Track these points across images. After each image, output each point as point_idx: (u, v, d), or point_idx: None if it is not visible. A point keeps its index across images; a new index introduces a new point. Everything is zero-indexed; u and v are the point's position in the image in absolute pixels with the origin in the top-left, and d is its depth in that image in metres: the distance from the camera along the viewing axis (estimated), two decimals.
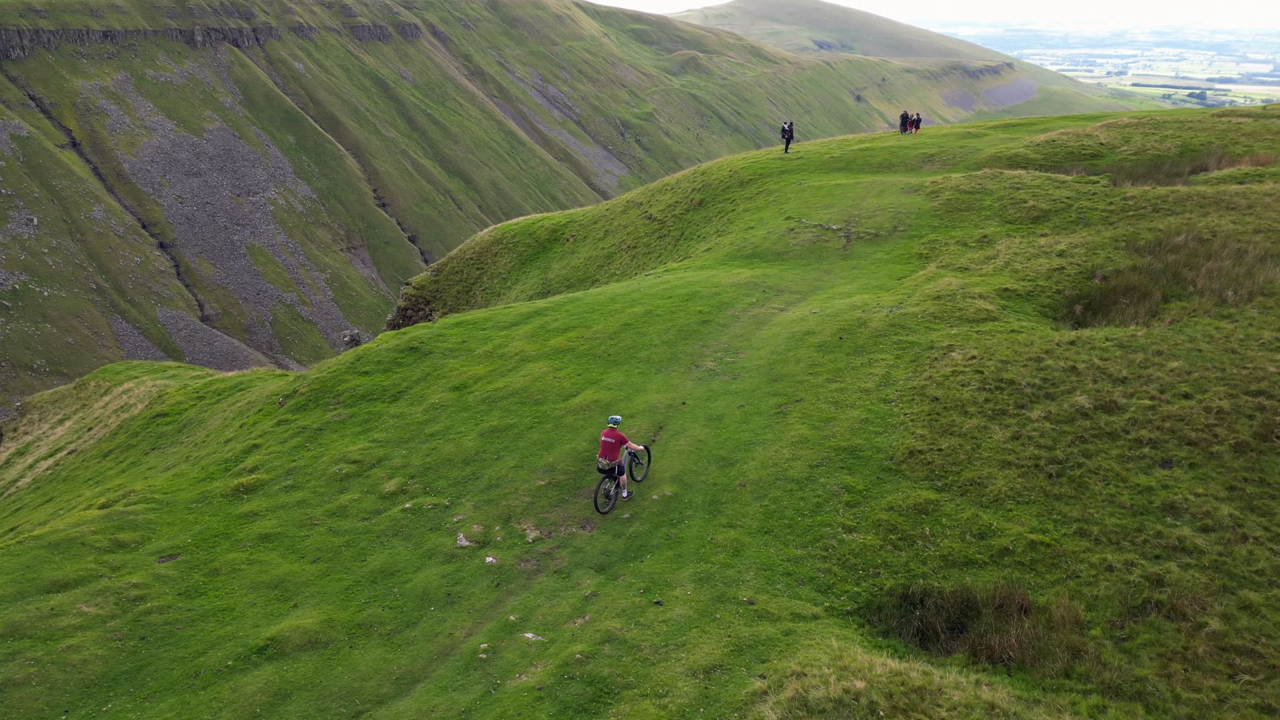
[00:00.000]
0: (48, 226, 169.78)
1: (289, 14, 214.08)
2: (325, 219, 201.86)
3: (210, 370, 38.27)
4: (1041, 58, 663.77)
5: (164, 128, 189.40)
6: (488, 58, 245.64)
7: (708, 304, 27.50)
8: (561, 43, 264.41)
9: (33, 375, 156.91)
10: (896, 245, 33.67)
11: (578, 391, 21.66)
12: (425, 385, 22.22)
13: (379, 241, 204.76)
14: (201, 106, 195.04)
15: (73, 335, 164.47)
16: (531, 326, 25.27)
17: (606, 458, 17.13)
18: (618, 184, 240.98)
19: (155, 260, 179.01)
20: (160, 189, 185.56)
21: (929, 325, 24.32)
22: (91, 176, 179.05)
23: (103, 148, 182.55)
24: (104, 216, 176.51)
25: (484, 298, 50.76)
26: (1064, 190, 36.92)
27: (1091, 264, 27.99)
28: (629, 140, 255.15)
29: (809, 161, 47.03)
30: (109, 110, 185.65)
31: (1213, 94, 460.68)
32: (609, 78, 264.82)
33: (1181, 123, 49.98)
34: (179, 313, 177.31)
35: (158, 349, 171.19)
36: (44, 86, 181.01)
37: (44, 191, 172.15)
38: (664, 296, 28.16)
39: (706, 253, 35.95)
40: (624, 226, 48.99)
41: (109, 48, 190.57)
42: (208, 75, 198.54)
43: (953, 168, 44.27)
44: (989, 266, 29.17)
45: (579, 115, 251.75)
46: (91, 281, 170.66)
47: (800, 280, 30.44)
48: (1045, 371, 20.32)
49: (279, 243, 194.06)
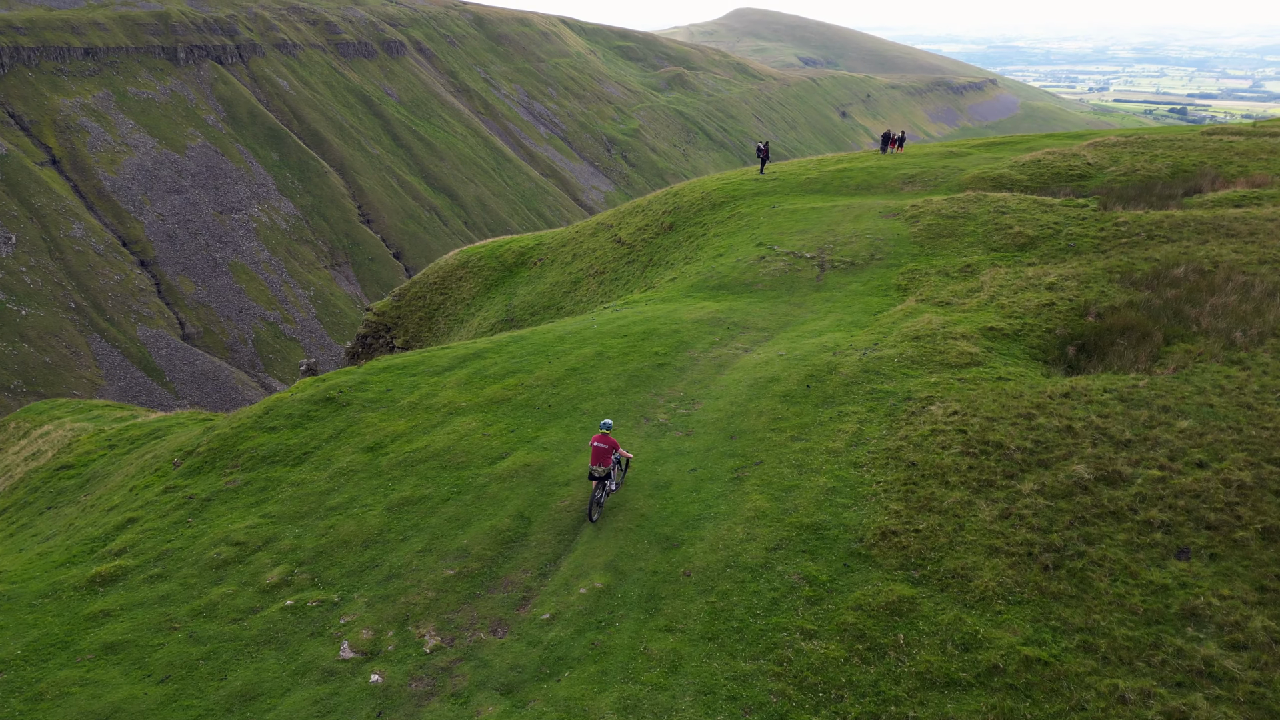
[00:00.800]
0: (26, 245, 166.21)
1: (273, 31, 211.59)
2: (309, 236, 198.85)
3: (136, 410, 35.31)
4: (1024, 74, 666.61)
5: (145, 145, 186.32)
6: (474, 74, 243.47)
7: (665, 344, 24.74)
8: (548, 59, 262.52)
9: (9, 396, 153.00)
10: (874, 275, 31.01)
11: (508, 452, 18.83)
12: (336, 445, 19.37)
13: (363, 258, 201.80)
14: (184, 124, 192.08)
15: (50, 355, 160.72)
16: (467, 372, 22.47)
17: (600, 464, 16.39)
18: (604, 200, 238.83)
19: (136, 278, 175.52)
20: (141, 206, 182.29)
21: (906, 371, 21.62)
22: (71, 194, 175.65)
23: (83, 165, 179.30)
24: (84, 234, 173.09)
25: (447, 324, 47.94)
26: (1052, 214, 34.39)
27: (1084, 299, 25.35)
28: (615, 156, 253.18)
29: (784, 183, 44.44)
30: (90, 128, 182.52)
31: (1193, 109, 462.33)
32: (595, 94, 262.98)
33: (1171, 141, 47.65)
34: (159, 331, 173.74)
35: (137, 368, 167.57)
36: (24, 104, 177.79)
37: (22, 209, 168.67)
38: (618, 335, 25.39)
39: (671, 283, 33.23)
40: (593, 250, 46.30)
41: (90, 65, 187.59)
42: (190, 92, 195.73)
43: (934, 189, 41.75)
44: (972, 301, 26.52)
45: (565, 132, 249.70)
46: (70, 300, 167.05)
47: (768, 315, 27.71)
48: (1037, 432, 17.60)
49: (262, 260, 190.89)
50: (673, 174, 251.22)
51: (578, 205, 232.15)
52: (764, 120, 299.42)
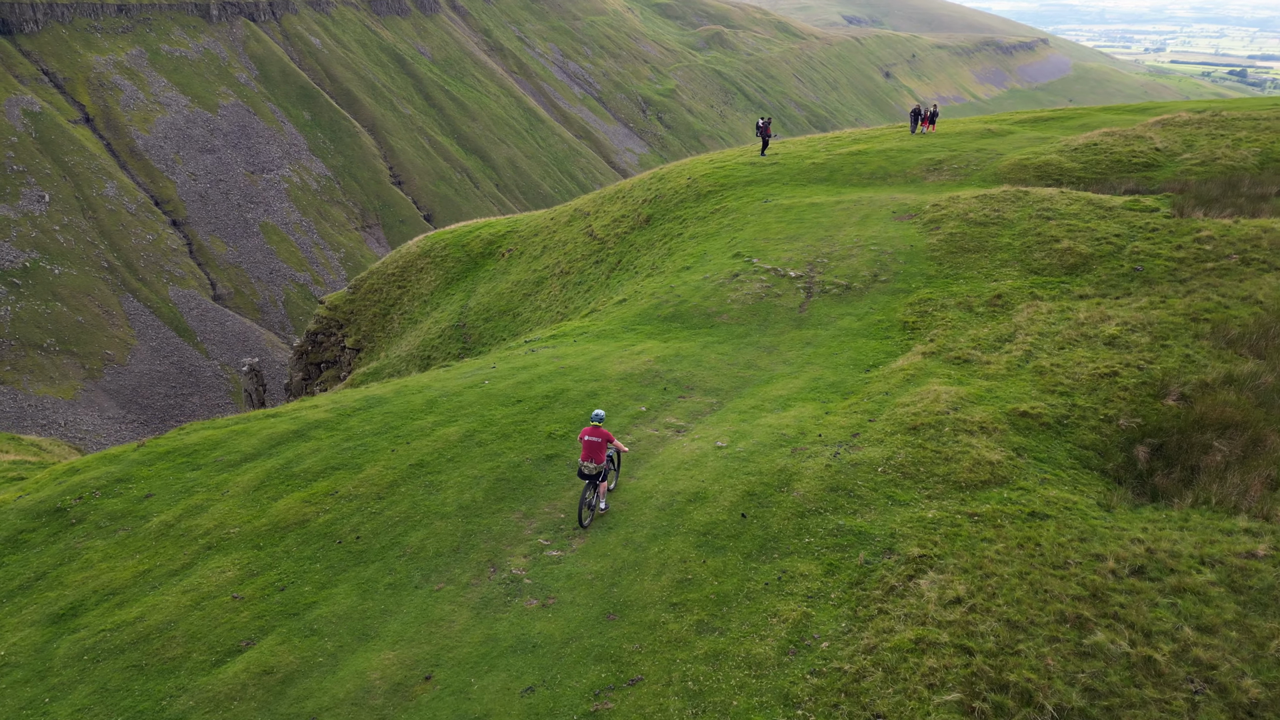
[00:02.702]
0: (59, 204, 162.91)
1: None
2: (340, 197, 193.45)
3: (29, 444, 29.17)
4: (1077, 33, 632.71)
5: (178, 104, 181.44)
6: (508, 33, 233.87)
7: (569, 417, 17.52)
8: (584, 17, 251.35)
9: (42, 354, 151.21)
10: (874, 305, 23.30)
11: (253, 640, 11.84)
12: (18, 605, 12.74)
13: (394, 220, 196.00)
14: (216, 82, 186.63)
15: (83, 314, 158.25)
16: (272, 464, 15.62)
17: (592, 460, 14.04)
18: (638, 162, 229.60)
19: (168, 238, 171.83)
20: (174, 166, 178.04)
21: (893, 493, 14.20)
22: (104, 153, 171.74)
23: (116, 124, 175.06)
24: (116, 194, 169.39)
25: (401, 323, 41.11)
26: (1111, 222, 26.19)
27: (1160, 367, 17.50)
28: (650, 118, 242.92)
29: (785, 169, 36.45)
30: (123, 86, 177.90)
31: (1254, 71, 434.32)
32: (631, 53, 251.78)
33: (1256, 121, 38.58)
34: (191, 291, 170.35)
35: (169, 328, 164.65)
36: (57, 61, 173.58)
37: (56, 168, 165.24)
38: (510, 400, 18.20)
39: (619, 306, 25.80)
40: (564, 243, 38.94)
41: (123, 21, 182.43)
42: (223, 50, 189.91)
43: (964, 181, 33.49)
44: (1001, 359, 18.78)
45: (600, 92, 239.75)
46: (103, 260, 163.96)
47: (724, 368, 20.26)
48: (1092, 663, 10.19)
49: (293, 221, 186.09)
50: (709, 136, 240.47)
51: (611, 168, 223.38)
52: (804, 80, 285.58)
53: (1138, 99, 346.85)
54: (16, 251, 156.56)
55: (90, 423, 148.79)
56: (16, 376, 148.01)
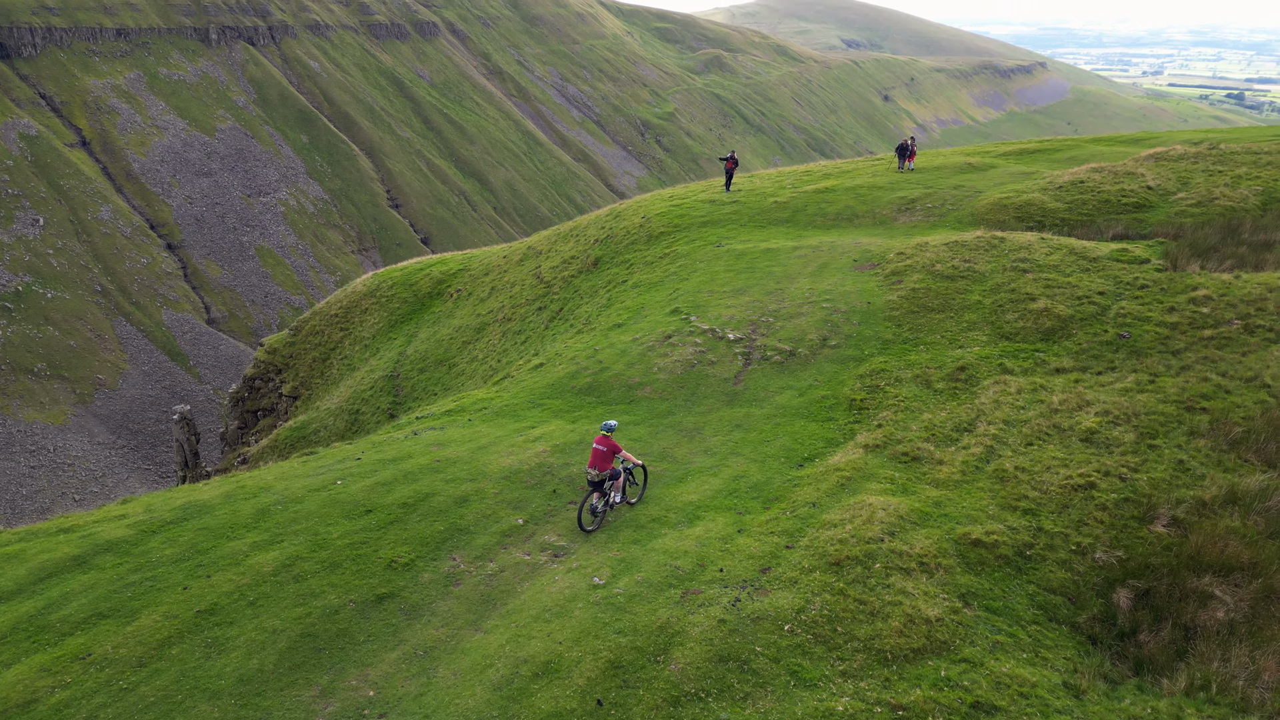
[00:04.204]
0: (54, 227, 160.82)
1: (305, 12, 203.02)
2: (337, 220, 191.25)
3: None
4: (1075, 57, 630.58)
5: (175, 127, 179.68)
6: (507, 56, 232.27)
7: (422, 535, 14.13)
8: (583, 41, 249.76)
9: (33, 379, 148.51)
10: (818, 377, 19.92)
11: None
12: None
13: (391, 244, 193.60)
14: (214, 105, 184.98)
15: (75, 338, 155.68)
16: (26, 610, 12.15)
17: (596, 468, 14.22)
18: (636, 185, 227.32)
19: (162, 261, 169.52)
20: (170, 189, 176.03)
21: (797, 668, 10.77)
22: (100, 176, 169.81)
23: (113, 147, 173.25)
24: (111, 217, 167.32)
25: (340, 369, 37.86)
26: (1095, 276, 22.82)
27: (1148, 478, 14.06)
28: (649, 141, 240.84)
29: (745, 208, 33.19)
30: (120, 109, 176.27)
31: (1251, 94, 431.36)
32: (630, 77, 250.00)
33: (1257, 155, 35.26)
34: (185, 315, 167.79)
35: (161, 352, 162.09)
36: (55, 85, 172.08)
37: (51, 191, 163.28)
38: (357, 510, 14.81)
39: (535, 371, 22.43)
40: (512, 285, 35.72)
41: (122, 45, 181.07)
42: (221, 74, 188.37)
43: (938, 222, 30.15)
44: (956, 459, 15.35)
45: (599, 115, 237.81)
46: (96, 283, 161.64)
47: (634, 457, 16.88)
48: None
49: (289, 244, 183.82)
50: (707, 159, 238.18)
51: (609, 190, 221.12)
52: (803, 104, 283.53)
53: (1136, 121, 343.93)
54: (9, 275, 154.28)
55: (80, 448, 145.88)
56: (6, 402, 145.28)
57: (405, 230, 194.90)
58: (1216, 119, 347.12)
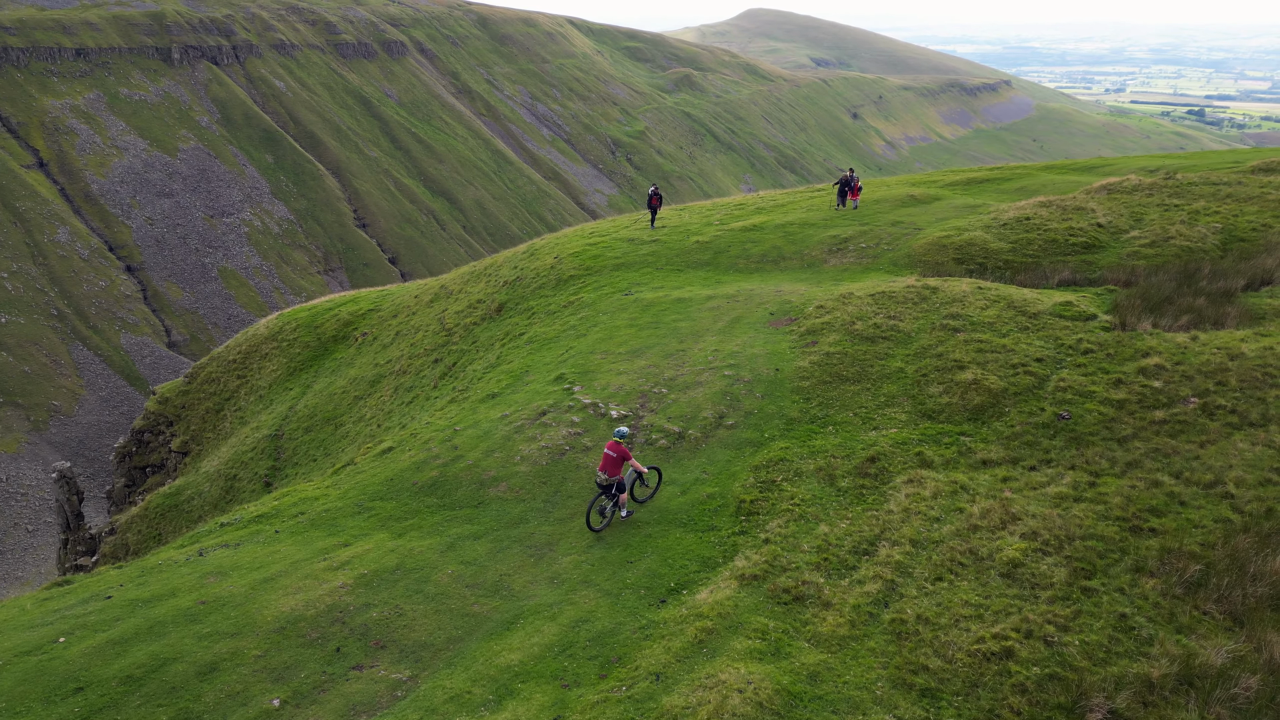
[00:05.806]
0: (8, 250, 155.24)
1: (271, 31, 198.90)
2: (302, 240, 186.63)
3: None
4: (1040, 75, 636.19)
5: (136, 147, 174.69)
6: (476, 76, 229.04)
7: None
8: (552, 60, 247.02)
9: None
10: (707, 468, 16.52)
11: None
12: None
13: (358, 263, 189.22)
14: (176, 125, 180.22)
15: (30, 363, 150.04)
16: None
17: (606, 472, 14.48)
18: (607, 203, 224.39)
19: (121, 284, 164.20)
20: (130, 210, 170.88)
21: None
22: (58, 198, 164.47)
23: (71, 168, 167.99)
24: (69, 239, 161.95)
25: (233, 423, 34.11)
26: (1035, 337, 19.62)
27: (1080, 641, 10.70)
28: (620, 159, 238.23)
29: (665, 248, 29.87)
30: (79, 130, 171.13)
31: (1211, 110, 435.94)
32: (600, 95, 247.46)
33: (1215, 186, 32.41)
34: (144, 339, 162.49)
35: (120, 377, 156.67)
36: (11, 105, 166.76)
37: (6, 213, 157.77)
38: (65, 687, 11.19)
39: (380, 459, 18.88)
40: (417, 329, 32.19)
41: (82, 65, 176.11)
42: (184, 93, 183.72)
43: (870, 265, 26.95)
44: (848, 600, 11.97)
45: (569, 134, 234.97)
46: (52, 307, 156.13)
47: (455, 596, 13.36)
48: None
49: (253, 265, 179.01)
50: (678, 177, 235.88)
51: (580, 209, 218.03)
52: (773, 122, 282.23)
53: (1099, 138, 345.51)
54: None
55: (33, 477, 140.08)
56: None
57: (373, 250, 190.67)
58: (1178, 134, 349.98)
